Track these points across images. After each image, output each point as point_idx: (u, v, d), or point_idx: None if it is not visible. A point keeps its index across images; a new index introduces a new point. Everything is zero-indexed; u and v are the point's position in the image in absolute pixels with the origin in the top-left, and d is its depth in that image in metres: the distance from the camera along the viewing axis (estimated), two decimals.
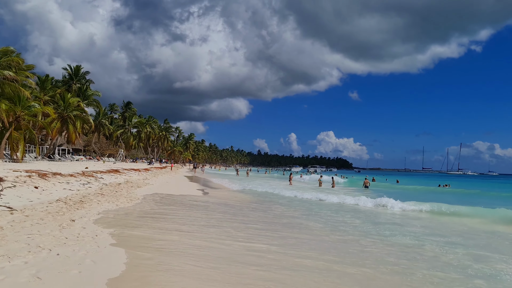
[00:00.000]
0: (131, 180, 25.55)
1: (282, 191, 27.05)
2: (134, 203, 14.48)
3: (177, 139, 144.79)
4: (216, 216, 13.29)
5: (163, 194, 19.48)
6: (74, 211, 10.89)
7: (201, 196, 21.77)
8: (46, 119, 54.75)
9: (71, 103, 57.89)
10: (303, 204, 19.66)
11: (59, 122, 56.17)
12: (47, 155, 59.01)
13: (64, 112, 56.26)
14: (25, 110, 40.49)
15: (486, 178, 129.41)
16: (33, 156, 52.01)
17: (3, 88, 37.81)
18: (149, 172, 40.19)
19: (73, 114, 57.46)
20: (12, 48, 41.93)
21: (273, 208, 17.16)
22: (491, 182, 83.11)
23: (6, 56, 38.35)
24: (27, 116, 40.48)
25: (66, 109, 56.56)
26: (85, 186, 17.95)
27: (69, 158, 67.44)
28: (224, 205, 17.42)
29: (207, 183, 37.53)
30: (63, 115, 56.29)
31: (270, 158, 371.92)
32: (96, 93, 71.25)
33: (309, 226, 12.17)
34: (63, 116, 56.34)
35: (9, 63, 39.74)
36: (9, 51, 40.39)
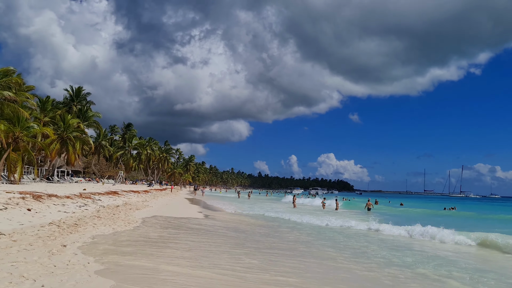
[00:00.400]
0: (130, 202, 24.75)
1: (288, 215, 25.80)
2: (132, 226, 13.70)
3: (177, 161, 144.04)
4: (223, 241, 12.42)
5: (163, 217, 18.69)
6: (67, 235, 10.14)
7: (203, 219, 20.94)
8: (45, 140, 54.23)
9: (71, 124, 57.45)
10: (315, 229, 18.67)
11: (58, 143, 55.57)
12: (46, 176, 58.20)
13: (63, 133, 55.74)
14: (24, 131, 39.94)
15: (489, 201, 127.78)
16: (32, 178, 51.21)
17: (3, 109, 37.38)
18: (149, 194, 39.35)
19: (73, 135, 56.91)
20: (12, 68, 41.70)
21: (285, 233, 16.25)
22: (497, 205, 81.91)
23: (6, 77, 38.02)
24: (26, 137, 39.91)
25: (66, 130, 56.04)
26: (82, 208, 17.18)
27: (68, 180, 66.60)
28: (230, 229, 16.58)
29: (208, 205, 36.64)
30: (62, 136, 55.74)
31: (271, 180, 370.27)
32: (96, 114, 70.95)
33: (332, 255, 11.16)
34: (62, 137, 55.79)
35: (9, 84, 39.44)
36: (9, 71, 40.15)
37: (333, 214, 31.23)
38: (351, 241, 14.66)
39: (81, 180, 69.90)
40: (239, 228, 17.31)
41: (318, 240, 14.55)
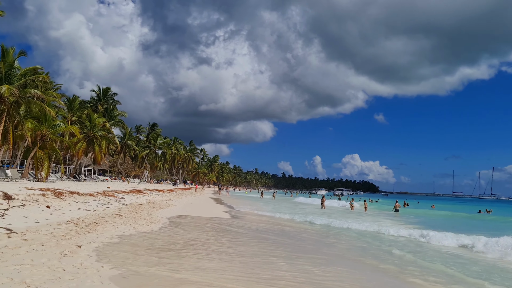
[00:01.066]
0: (154, 201, 24.12)
1: (323, 218, 23.58)
2: (155, 226, 12.89)
3: (202, 161, 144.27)
4: (259, 246, 11.22)
5: (188, 217, 17.86)
6: (84, 234, 9.37)
7: (228, 219, 20.01)
8: (72, 139, 54.67)
9: (97, 123, 57.76)
10: (364, 235, 16.35)
11: (84, 142, 55.93)
12: (73, 175, 58.69)
13: (90, 132, 56.05)
14: (51, 129, 40.12)
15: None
16: (59, 176, 51.62)
17: (31, 107, 37.54)
18: (173, 193, 38.83)
19: (99, 134, 57.18)
20: (40, 67, 41.94)
21: (332, 240, 14.79)
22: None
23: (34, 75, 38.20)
24: (52, 135, 40.07)
25: (92, 129, 56.34)
26: (103, 206, 16.53)
27: (95, 178, 67.13)
28: (263, 231, 15.48)
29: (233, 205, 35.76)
30: (89, 135, 56.07)
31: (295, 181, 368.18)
32: (122, 114, 71.29)
33: (411, 272, 9.13)
34: (89, 136, 56.11)
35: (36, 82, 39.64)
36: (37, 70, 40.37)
37: (366, 216, 29.86)
38: (413, 254, 12.10)
39: (107, 179, 70.35)
40: (272, 231, 16.24)
41: (375, 249, 12.68)
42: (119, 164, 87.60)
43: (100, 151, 58.22)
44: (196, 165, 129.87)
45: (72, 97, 63.07)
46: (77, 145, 55.53)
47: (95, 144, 56.79)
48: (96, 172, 76.95)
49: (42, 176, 38.81)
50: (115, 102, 75.28)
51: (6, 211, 10.64)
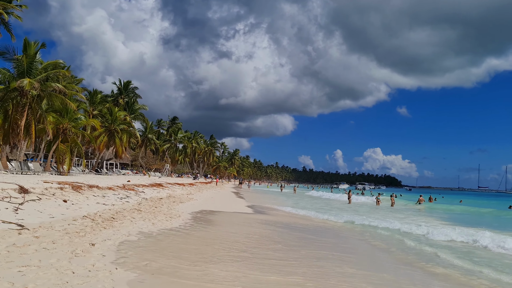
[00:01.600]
0: (174, 195, 23.62)
1: (352, 215, 21.63)
2: (174, 222, 12.26)
3: (222, 155, 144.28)
4: (306, 247, 10.23)
5: (209, 211, 17.21)
6: (100, 231, 8.78)
7: (252, 214, 19.28)
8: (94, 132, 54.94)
9: (118, 116, 57.90)
10: (407, 235, 14.04)
11: (106, 136, 56.15)
12: (95, 168, 59.09)
13: (111, 125, 56.23)
14: (72, 123, 40.19)
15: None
16: (81, 170, 51.96)
17: (53, 101, 37.65)
18: (194, 187, 38.42)
19: (120, 128, 57.34)
20: (62, 61, 42.02)
21: (375, 241, 12.89)
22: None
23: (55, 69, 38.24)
24: (74, 128, 40.14)
25: (113, 123, 56.50)
26: (122, 200, 16.05)
27: (116, 172, 67.55)
28: (297, 229, 14.52)
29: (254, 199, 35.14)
30: (110, 128, 56.26)
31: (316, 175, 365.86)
32: (143, 107, 71.47)
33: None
34: (110, 129, 56.31)
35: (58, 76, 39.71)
36: (58, 64, 40.46)
37: (396, 212, 28.53)
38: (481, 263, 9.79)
39: (128, 173, 70.75)
40: (306, 228, 15.43)
41: (431, 256, 10.51)
42: (140, 157, 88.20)
43: (121, 145, 58.45)
44: (216, 159, 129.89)
45: (93, 91, 63.45)
46: (98, 139, 55.85)
47: (116, 138, 57.00)
48: (117, 166, 77.61)
49: (64, 170, 38.94)
50: (136, 95, 75.54)
51: (21, 205, 10.16)
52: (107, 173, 58.74)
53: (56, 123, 38.88)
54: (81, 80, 58.59)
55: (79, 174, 44.12)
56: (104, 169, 65.63)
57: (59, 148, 38.90)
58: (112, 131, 56.39)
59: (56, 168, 40.47)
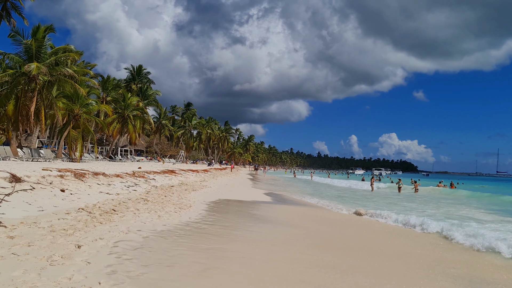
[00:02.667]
0: (187, 182, 22.29)
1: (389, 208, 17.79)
2: (184, 214, 10.77)
3: (237, 141, 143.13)
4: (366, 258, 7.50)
5: (221, 201, 15.72)
6: (93, 227, 7.39)
7: (272, 204, 17.63)
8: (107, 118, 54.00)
9: (131, 102, 56.89)
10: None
11: (119, 123, 55.27)
12: (108, 155, 58.37)
13: (124, 112, 55.27)
14: (83, 108, 39.15)
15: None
16: (94, 156, 51.19)
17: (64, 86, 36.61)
18: (208, 173, 37.16)
19: (133, 114, 56.39)
20: (72, 46, 40.87)
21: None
22: None
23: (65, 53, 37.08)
24: (85, 114, 39.11)
25: (126, 109, 55.53)
26: (130, 189, 14.72)
27: (131, 158, 66.83)
28: (337, 224, 12.68)
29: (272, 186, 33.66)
30: (123, 115, 55.33)
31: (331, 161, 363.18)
32: (156, 92, 70.36)
33: None
34: (123, 116, 55.37)
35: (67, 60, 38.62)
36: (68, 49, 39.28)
37: (431, 202, 25.59)
38: None
39: (142, 159, 70.01)
40: (347, 225, 13.84)
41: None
42: (155, 144, 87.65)
43: (134, 131, 57.57)
44: (231, 145, 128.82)
45: (106, 77, 62.52)
46: (111, 126, 54.98)
47: (129, 124, 56.10)
48: (132, 153, 77.02)
49: (76, 156, 38.05)
50: (149, 81, 74.48)
51: (8, 196, 8.85)
52: (121, 160, 57.95)
53: (67, 109, 37.90)
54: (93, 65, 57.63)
55: (92, 161, 43.25)
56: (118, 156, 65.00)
57: (70, 135, 37.98)
58: (125, 117, 55.49)
59: (68, 155, 39.63)
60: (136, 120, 57.37)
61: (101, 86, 60.87)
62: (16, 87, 32.94)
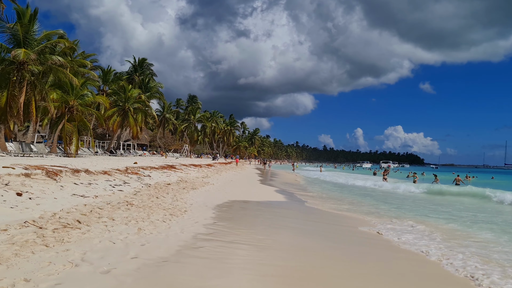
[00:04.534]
0: (187, 179, 19.71)
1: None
2: (175, 225, 8.09)
3: (242, 135, 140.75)
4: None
5: (225, 203, 13.10)
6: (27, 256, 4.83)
7: (298, 206, 14.93)
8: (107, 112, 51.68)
9: (132, 95, 54.53)
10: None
11: (119, 116, 52.95)
12: (109, 150, 56.12)
13: (125, 104, 52.93)
14: (79, 100, 36.73)
15: None
16: (93, 151, 48.87)
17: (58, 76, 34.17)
18: (212, 168, 34.60)
19: (134, 107, 54.07)
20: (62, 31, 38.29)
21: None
22: None
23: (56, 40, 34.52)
24: (80, 106, 36.69)
25: (127, 102, 53.18)
26: (115, 188, 12.18)
27: (133, 153, 64.62)
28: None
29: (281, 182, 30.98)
30: (123, 107, 53.00)
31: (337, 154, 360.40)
32: (159, 85, 68.00)
33: None
34: (124, 109, 53.04)
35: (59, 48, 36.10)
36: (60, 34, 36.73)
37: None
38: None
39: (145, 154, 67.80)
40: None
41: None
42: (158, 138, 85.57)
43: (136, 125, 55.24)
44: (236, 138, 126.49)
45: (107, 69, 60.35)
46: (111, 119, 52.66)
47: (130, 117, 53.78)
48: (135, 147, 74.94)
49: (71, 151, 35.71)
50: (152, 73, 72.15)
51: None
52: (122, 155, 55.69)
53: (61, 100, 35.49)
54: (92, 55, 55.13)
55: (90, 156, 40.90)
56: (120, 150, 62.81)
57: (65, 128, 35.61)
58: (126, 110, 53.18)
59: (63, 150, 37.29)
60: (137, 113, 55.07)
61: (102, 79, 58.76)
62: (4, 77, 30.54)
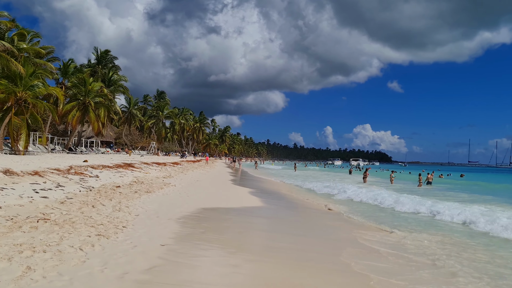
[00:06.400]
0: (144, 179, 16.75)
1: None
2: (92, 258, 5.21)
3: (212, 132, 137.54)
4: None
5: (188, 213, 10.18)
6: None
7: (267, 214, 12.42)
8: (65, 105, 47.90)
9: (93, 88, 50.71)
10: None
11: (79, 111, 49.09)
12: (68, 147, 52.09)
13: (85, 98, 49.12)
14: (28, 91, 32.98)
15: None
16: (49, 148, 44.88)
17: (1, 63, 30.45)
18: (178, 166, 31.60)
19: (95, 101, 50.30)
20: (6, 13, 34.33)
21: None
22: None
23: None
24: (30, 98, 32.94)
25: (87, 95, 49.38)
26: (37, 195, 9.21)
27: (95, 150, 60.54)
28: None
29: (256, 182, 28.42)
30: (84, 102, 49.18)
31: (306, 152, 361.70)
32: (122, 78, 64.07)
33: None
34: (84, 103, 49.23)
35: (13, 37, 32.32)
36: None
37: (447, 195, 21.18)
38: None
39: (108, 151, 63.77)
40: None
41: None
42: (124, 135, 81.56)
43: (97, 120, 51.47)
44: (206, 136, 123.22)
45: (67, 61, 56.37)
46: (70, 113, 48.84)
47: (90, 112, 50.02)
48: (98, 144, 70.75)
49: (20, 148, 31.98)
50: (116, 67, 68.13)
51: None
52: (82, 152, 51.67)
53: (7, 91, 31.68)
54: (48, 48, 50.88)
55: (43, 153, 37.08)
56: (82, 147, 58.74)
57: (12, 122, 31.83)
58: (86, 104, 49.37)
59: (11, 147, 33.44)
60: (99, 108, 51.28)
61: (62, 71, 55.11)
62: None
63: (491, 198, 19.44)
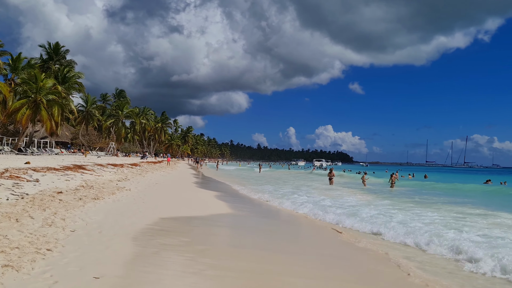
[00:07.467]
0: (95, 183, 14.74)
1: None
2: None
3: (175, 133, 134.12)
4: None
5: (141, 226, 8.44)
6: None
7: (239, 223, 10.80)
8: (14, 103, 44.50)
9: (45, 85, 47.40)
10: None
11: (29, 109, 45.68)
12: (17, 147, 48.44)
13: (36, 96, 45.80)
14: None
15: (501, 172, 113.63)
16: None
17: None
18: (136, 168, 29.42)
19: (47, 98, 47.03)
20: None
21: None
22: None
23: None
24: None
25: (38, 92, 46.08)
26: None
27: (48, 151, 56.75)
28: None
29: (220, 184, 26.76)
30: (35, 99, 45.85)
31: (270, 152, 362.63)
32: (78, 75, 60.42)
33: None
34: (35, 100, 45.89)
35: None
36: None
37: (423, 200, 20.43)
38: None
39: (62, 152, 60.04)
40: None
41: None
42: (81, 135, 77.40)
43: (50, 119, 48.18)
44: (168, 136, 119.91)
45: (17, 56, 52.72)
46: (20, 111, 45.40)
47: (42, 111, 46.73)
48: (53, 145, 66.68)
49: None
50: (71, 62, 64.38)
51: None
52: (33, 153, 48.13)
53: None
54: None
55: None
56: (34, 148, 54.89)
57: None
58: (38, 102, 46.03)
59: None
60: (52, 107, 47.98)
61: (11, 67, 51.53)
62: None
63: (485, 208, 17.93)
